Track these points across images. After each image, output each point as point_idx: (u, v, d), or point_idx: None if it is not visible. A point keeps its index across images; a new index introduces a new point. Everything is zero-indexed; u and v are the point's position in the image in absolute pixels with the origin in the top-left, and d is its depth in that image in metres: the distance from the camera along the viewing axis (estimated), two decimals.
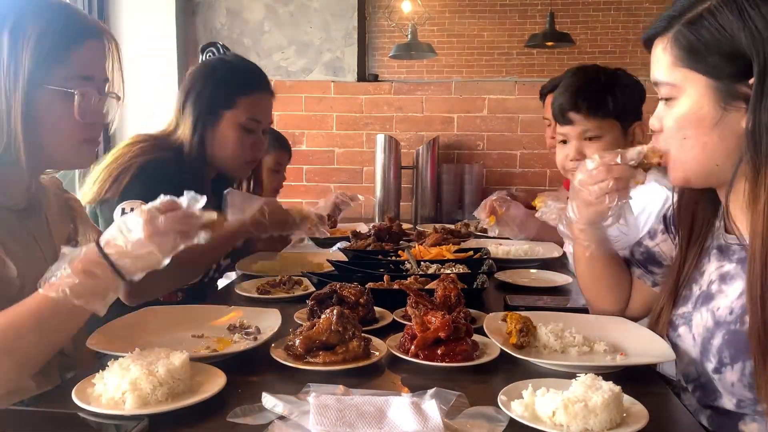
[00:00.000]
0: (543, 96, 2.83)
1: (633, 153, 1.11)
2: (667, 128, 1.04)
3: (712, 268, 1.11)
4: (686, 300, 1.14)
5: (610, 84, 1.71)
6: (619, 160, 1.11)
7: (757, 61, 0.92)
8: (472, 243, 2.25)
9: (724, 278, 1.07)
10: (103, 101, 1.20)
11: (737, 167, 0.99)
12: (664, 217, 1.31)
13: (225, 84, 1.75)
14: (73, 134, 1.16)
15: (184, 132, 1.74)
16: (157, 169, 1.64)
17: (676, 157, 1.05)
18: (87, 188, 1.64)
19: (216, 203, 1.68)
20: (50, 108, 1.12)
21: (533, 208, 1.79)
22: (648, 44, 1.07)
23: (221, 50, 1.88)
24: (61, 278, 0.96)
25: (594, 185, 1.13)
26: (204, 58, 1.87)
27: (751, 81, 0.93)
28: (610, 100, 1.69)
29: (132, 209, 1.50)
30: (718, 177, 1.03)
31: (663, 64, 1.02)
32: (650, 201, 1.63)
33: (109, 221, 1.59)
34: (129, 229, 0.99)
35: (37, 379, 1.17)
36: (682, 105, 1.00)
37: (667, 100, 1.04)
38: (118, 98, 1.25)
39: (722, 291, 1.06)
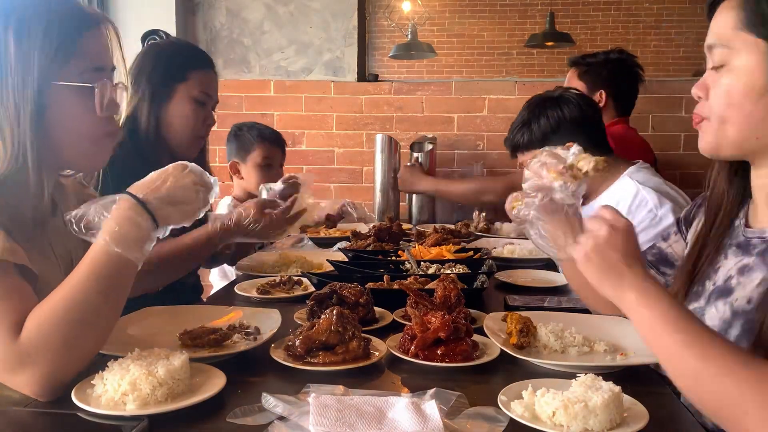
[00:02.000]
0: None
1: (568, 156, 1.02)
2: (714, 95, 1.03)
3: (730, 264, 1.10)
4: (698, 296, 1.14)
5: (528, 119, 1.96)
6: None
7: None
8: (471, 243, 2.25)
9: (742, 271, 1.07)
10: (116, 92, 1.14)
11: None
12: (677, 219, 1.32)
13: (176, 59, 1.82)
14: (92, 131, 1.11)
15: (139, 112, 1.77)
16: (122, 164, 1.58)
17: (717, 125, 1.03)
18: None
19: None
20: (68, 106, 1.07)
21: None
22: (713, 8, 1.05)
23: (163, 37, 1.91)
24: (102, 228, 0.97)
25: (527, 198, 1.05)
26: (146, 45, 1.90)
27: None
28: (525, 134, 1.95)
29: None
30: (754, 150, 1.02)
31: (724, 25, 1.01)
32: (622, 196, 1.83)
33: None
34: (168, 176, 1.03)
35: None
36: (735, 70, 0.99)
37: (717, 68, 1.02)
38: (126, 88, 1.20)
39: (741, 283, 1.06)
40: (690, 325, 0.88)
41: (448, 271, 1.68)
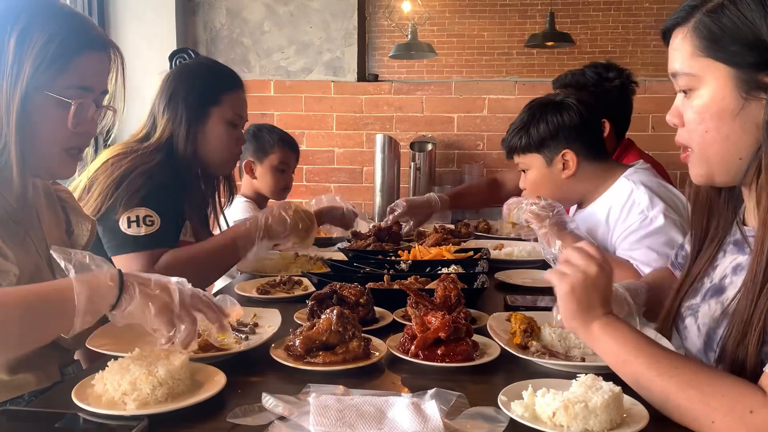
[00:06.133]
0: None
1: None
2: (688, 121, 1.02)
3: (726, 262, 1.10)
4: (696, 292, 1.14)
5: (527, 122, 1.91)
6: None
7: None
8: (471, 243, 2.25)
9: (736, 270, 1.07)
10: (99, 113, 1.21)
11: (753, 158, 0.97)
12: None
13: (210, 83, 1.86)
14: (62, 143, 1.17)
15: (175, 134, 1.79)
16: (158, 175, 1.70)
17: (699, 153, 1.02)
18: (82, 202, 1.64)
19: (205, 199, 1.94)
20: (46, 115, 1.13)
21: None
22: (667, 36, 1.05)
23: (192, 55, 1.94)
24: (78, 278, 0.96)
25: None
26: (174, 65, 1.93)
27: None
28: (523, 137, 1.90)
29: (137, 217, 1.59)
30: (742, 172, 1.01)
31: (682, 54, 1.00)
32: (616, 198, 1.82)
33: (112, 231, 1.61)
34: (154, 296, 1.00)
35: (37, 374, 1.17)
36: (703, 95, 0.98)
37: (686, 92, 1.02)
38: (115, 111, 1.27)
39: (733, 282, 1.06)
40: (652, 348, 0.94)
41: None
